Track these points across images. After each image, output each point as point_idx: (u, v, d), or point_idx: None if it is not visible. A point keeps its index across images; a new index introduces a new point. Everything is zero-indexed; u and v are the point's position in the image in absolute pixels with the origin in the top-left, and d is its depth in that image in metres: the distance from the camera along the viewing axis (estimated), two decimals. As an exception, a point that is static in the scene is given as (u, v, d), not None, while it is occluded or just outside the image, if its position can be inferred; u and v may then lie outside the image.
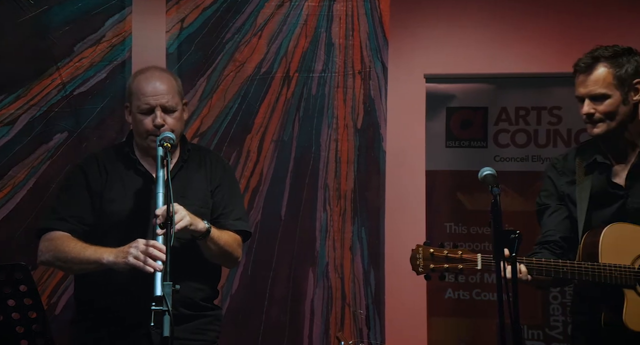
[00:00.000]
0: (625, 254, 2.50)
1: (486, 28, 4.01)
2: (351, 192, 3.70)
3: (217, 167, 2.73)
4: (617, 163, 2.62)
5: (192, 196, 2.64)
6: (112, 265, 2.49)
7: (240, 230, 2.69)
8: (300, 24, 3.70)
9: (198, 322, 2.66)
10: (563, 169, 2.67)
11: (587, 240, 2.55)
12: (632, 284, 2.48)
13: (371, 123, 3.70)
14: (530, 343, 3.60)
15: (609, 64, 2.55)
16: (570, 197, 2.63)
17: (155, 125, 2.59)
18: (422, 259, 2.47)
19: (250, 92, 3.71)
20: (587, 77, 2.55)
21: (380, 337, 3.62)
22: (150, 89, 2.61)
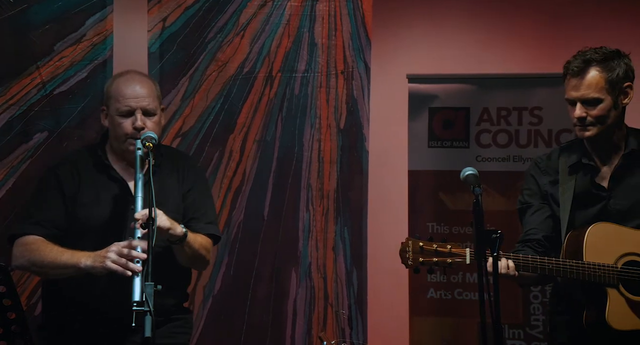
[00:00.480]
0: (608, 254, 2.51)
1: (468, 29, 4.02)
2: (334, 192, 3.69)
3: (189, 170, 2.71)
4: (602, 165, 2.63)
5: (165, 201, 2.60)
6: (90, 269, 2.46)
7: (211, 234, 2.67)
8: (282, 23, 3.69)
9: (168, 326, 2.63)
10: (546, 168, 2.68)
11: (571, 239, 2.56)
12: (615, 283, 2.49)
13: (354, 123, 3.70)
14: (511, 342, 3.61)
15: (601, 67, 2.55)
16: (553, 196, 2.63)
17: (135, 128, 2.56)
18: (412, 252, 2.46)
19: (233, 92, 3.69)
20: (580, 81, 2.54)
21: (362, 337, 3.61)
22: (131, 92, 2.58)
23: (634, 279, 2.51)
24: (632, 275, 2.51)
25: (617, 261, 2.52)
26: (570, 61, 2.59)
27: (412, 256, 2.46)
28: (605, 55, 2.57)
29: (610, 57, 2.57)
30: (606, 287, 2.48)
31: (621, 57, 2.59)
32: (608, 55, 2.58)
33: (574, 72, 2.55)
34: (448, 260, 2.46)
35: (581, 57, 2.57)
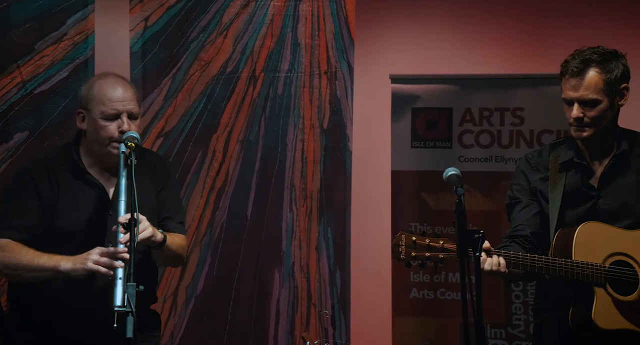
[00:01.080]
0: (596, 253, 2.51)
1: (451, 30, 4.02)
2: (317, 192, 3.68)
3: (161, 169, 2.68)
4: (592, 164, 2.62)
5: (142, 204, 2.53)
6: (70, 272, 2.42)
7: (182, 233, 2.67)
8: (266, 23, 3.66)
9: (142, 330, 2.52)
10: (537, 165, 2.66)
11: (560, 237, 2.55)
12: (602, 283, 2.48)
13: (337, 123, 3.68)
14: (493, 342, 3.62)
15: (600, 69, 2.52)
16: (542, 193, 2.62)
17: (122, 132, 2.51)
18: (404, 246, 2.44)
19: (216, 92, 3.66)
20: (579, 82, 2.52)
21: (345, 336, 3.60)
22: (117, 95, 2.54)
23: (621, 278, 2.51)
24: (619, 275, 2.51)
25: (605, 260, 2.52)
26: (569, 60, 2.56)
27: (405, 250, 2.44)
28: (604, 55, 2.55)
29: (609, 57, 2.56)
30: (593, 286, 2.48)
31: (619, 58, 2.58)
32: (607, 55, 2.56)
33: (573, 72, 2.52)
34: (440, 255, 2.44)
35: (580, 57, 2.55)
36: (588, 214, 2.57)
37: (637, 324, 2.50)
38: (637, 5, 3.91)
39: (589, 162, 2.63)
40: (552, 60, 3.95)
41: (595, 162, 2.63)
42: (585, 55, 2.55)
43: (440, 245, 2.46)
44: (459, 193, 2.30)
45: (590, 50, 2.58)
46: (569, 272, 2.47)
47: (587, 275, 2.47)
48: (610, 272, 2.51)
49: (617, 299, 2.49)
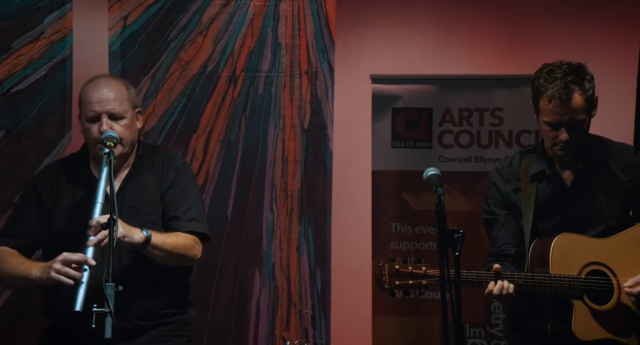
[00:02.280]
0: (572, 264, 2.51)
1: (431, 30, 4.02)
2: (298, 192, 3.65)
3: (169, 168, 2.66)
4: (563, 173, 2.63)
5: (142, 205, 2.58)
6: (39, 280, 2.42)
7: (193, 231, 2.62)
8: (246, 23, 3.63)
9: (158, 330, 2.59)
10: (508, 176, 2.67)
11: (535, 250, 2.55)
12: (580, 294, 2.49)
13: (318, 123, 3.66)
14: (472, 341, 3.62)
15: (580, 89, 2.53)
16: (517, 206, 2.63)
17: (101, 132, 2.52)
18: (388, 276, 2.47)
19: (196, 92, 3.62)
20: (565, 106, 2.51)
21: (325, 336, 3.59)
22: (97, 96, 2.55)
23: (596, 288, 2.51)
24: (595, 285, 2.51)
25: (581, 271, 2.52)
26: (549, 85, 2.52)
27: (389, 280, 2.47)
28: (579, 74, 2.55)
29: (583, 75, 2.56)
30: (572, 299, 2.48)
31: (587, 72, 2.58)
32: (580, 73, 2.55)
33: (560, 98, 2.50)
34: (423, 282, 2.47)
35: (560, 81, 2.52)
36: (561, 224, 2.58)
37: (614, 332, 2.51)
38: (612, 6, 3.93)
39: (560, 172, 2.63)
40: (531, 61, 3.95)
41: (566, 171, 2.64)
42: (566, 79, 2.53)
43: (423, 271, 2.48)
44: (439, 193, 2.31)
45: (562, 70, 2.55)
46: (548, 287, 2.47)
47: (564, 288, 2.48)
48: (587, 282, 2.51)
49: (594, 309, 2.50)
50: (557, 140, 2.56)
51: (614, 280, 2.54)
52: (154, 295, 2.58)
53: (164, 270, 2.58)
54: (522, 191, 2.62)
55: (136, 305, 2.52)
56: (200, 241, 2.66)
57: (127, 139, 2.59)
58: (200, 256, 2.67)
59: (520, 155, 2.70)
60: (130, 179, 2.63)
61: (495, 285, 2.47)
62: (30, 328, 3.16)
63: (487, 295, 2.49)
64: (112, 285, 2.22)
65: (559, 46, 3.92)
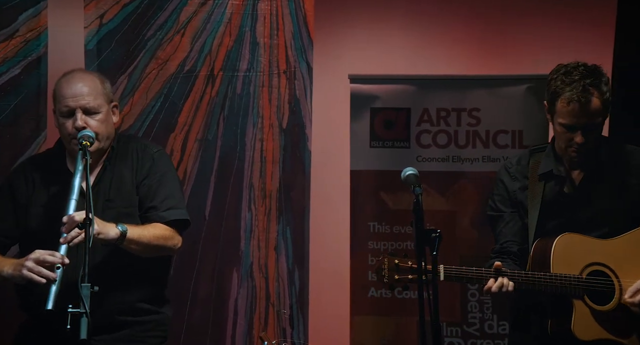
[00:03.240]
0: (574, 264, 2.52)
1: (409, 31, 4.02)
2: (276, 191, 3.63)
3: (144, 158, 2.62)
4: (571, 173, 2.62)
5: (117, 197, 2.55)
6: (11, 277, 2.39)
7: (173, 220, 2.59)
8: (224, 22, 3.60)
9: (135, 329, 2.57)
10: (516, 174, 2.66)
11: (537, 249, 2.55)
12: (580, 294, 2.49)
13: (296, 123, 3.64)
14: (449, 340, 3.62)
15: (598, 92, 2.52)
16: (523, 204, 2.63)
17: (76, 128, 2.49)
18: (387, 270, 2.47)
19: (174, 91, 3.58)
20: (584, 108, 2.49)
21: (303, 336, 3.57)
22: (71, 91, 2.52)
23: (597, 289, 2.52)
24: (596, 285, 2.52)
25: (582, 271, 2.53)
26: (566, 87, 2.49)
27: (388, 274, 2.47)
28: (597, 77, 2.53)
29: (600, 77, 2.54)
30: (572, 298, 2.49)
31: (604, 74, 2.57)
32: (597, 75, 2.54)
33: (581, 102, 2.48)
34: (423, 276, 2.43)
35: (579, 83, 2.49)
36: (566, 224, 2.57)
37: (614, 333, 2.51)
38: (592, 9, 3.96)
39: (568, 172, 2.62)
40: (507, 61, 4.02)
41: (574, 171, 2.63)
42: (584, 81, 2.50)
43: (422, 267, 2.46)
44: (417, 192, 2.31)
45: (580, 72, 2.52)
46: (548, 286, 2.48)
47: (565, 287, 2.48)
48: (588, 283, 2.51)
49: (594, 310, 2.51)
50: (572, 142, 2.54)
51: (615, 281, 2.54)
52: (131, 289, 2.56)
53: (141, 264, 2.56)
54: (529, 189, 2.61)
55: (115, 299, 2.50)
56: (179, 231, 2.63)
57: (103, 134, 2.56)
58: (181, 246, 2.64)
59: (530, 154, 2.69)
60: (104, 172, 2.59)
61: (494, 282, 2.45)
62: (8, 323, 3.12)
63: (485, 292, 2.48)
64: (88, 285, 2.19)
65: (535, 47, 3.95)
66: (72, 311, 2.18)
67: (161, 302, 2.68)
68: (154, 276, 2.66)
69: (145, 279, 2.61)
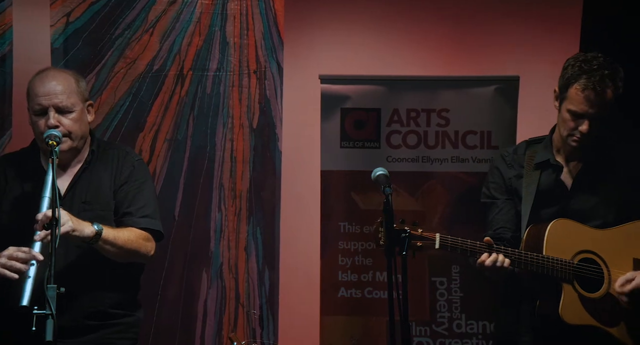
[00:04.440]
0: (566, 250, 2.53)
1: (380, 31, 4.02)
2: (246, 192, 3.61)
3: (124, 164, 2.60)
4: (568, 165, 2.64)
5: (94, 200, 2.52)
6: None
7: (146, 228, 2.57)
8: (193, 21, 3.57)
9: (104, 332, 2.53)
10: (512, 162, 2.67)
11: (531, 233, 2.56)
12: (570, 279, 2.51)
13: (267, 123, 3.62)
14: (418, 339, 3.63)
15: (613, 85, 2.51)
16: (517, 191, 2.64)
17: (48, 126, 2.46)
18: (384, 233, 2.41)
19: (143, 90, 3.55)
20: (597, 98, 2.48)
21: (273, 336, 3.56)
22: (43, 90, 2.49)
23: (587, 276, 2.53)
24: (586, 272, 2.53)
25: (574, 257, 2.54)
26: (583, 74, 2.48)
27: (385, 236, 2.41)
28: (615, 72, 2.52)
29: (617, 70, 2.54)
30: (562, 282, 2.50)
31: (620, 70, 2.56)
32: (615, 69, 2.53)
33: (595, 89, 2.47)
34: (418, 243, 2.44)
35: (598, 72, 2.48)
36: (559, 214, 2.59)
37: (600, 320, 2.53)
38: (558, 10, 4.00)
39: (565, 163, 2.64)
40: (476, 62, 4.04)
41: (572, 163, 2.64)
42: (603, 72, 2.49)
43: (419, 233, 2.45)
44: (387, 193, 2.31)
45: (599, 62, 2.51)
46: (539, 267, 2.48)
47: (556, 270, 2.49)
48: (578, 269, 2.53)
49: (583, 296, 2.52)
50: (575, 131, 2.53)
51: (605, 270, 2.55)
52: (103, 293, 2.53)
53: (113, 268, 2.53)
54: (525, 178, 2.62)
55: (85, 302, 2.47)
56: (154, 238, 2.61)
57: (77, 133, 2.54)
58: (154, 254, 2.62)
59: (526, 145, 2.69)
60: (82, 174, 2.57)
61: (488, 256, 2.45)
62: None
63: (479, 265, 2.46)
64: (54, 287, 2.16)
65: (504, 48, 3.98)
66: (37, 313, 2.15)
67: (133, 307, 2.65)
68: (127, 283, 2.62)
69: (117, 284, 2.58)
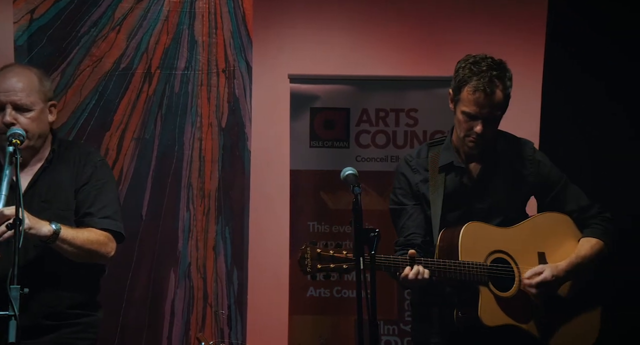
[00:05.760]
0: (479, 252, 2.55)
1: (349, 31, 4.02)
2: (215, 191, 3.58)
3: (86, 164, 2.55)
4: (469, 166, 2.67)
5: (54, 199, 2.47)
6: None
7: (107, 229, 2.52)
8: (161, 19, 3.52)
9: (63, 332, 2.48)
10: (417, 167, 2.68)
11: (444, 238, 2.57)
12: (485, 281, 2.53)
13: (236, 122, 3.59)
14: (386, 338, 3.63)
15: (502, 85, 2.57)
16: (425, 196, 2.65)
17: (4, 123, 2.41)
18: (310, 259, 2.44)
19: (109, 88, 3.49)
20: (488, 99, 2.54)
21: (241, 336, 3.53)
22: (3, 86, 2.44)
23: (500, 275, 2.56)
24: (499, 272, 2.56)
25: (487, 259, 2.57)
26: (473, 76, 2.54)
27: (311, 263, 2.44)
28: (502, 71, 2.58)
29: (505, 71, 2.59)
30: (478, 285, 2.52)
31: (509, 70, 2.61)
32: (502, 69, 2.59)
33: (485, 91, 2.53)
34: (344, 265, 2.45)
35: (486, 74, 2.54)
36: (465, 215, 2.62)
37: (515, 318, 2.56)
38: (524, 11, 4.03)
39: (467, 164, 2.67)
40: (444, 63, 4.02)
41: (472, 163, 2.68)
42: (491, 73, 2.55)
43: (344, 255, 2.46)
44: (356, 192, 2.30)
45: (487, 63, 2.57)
46: (457, 273, 2.50)
47: (472, 274, 2.51)
48: (491, 269, 2.55)
49: (498, 296, 2.55)
50: (470, 131, 2.57)
51: (515, 268, 2.59)
52: (61, 294, 2.48)
53: (73, 268, 2.48)
54: (430, 182, 2.64)
55: (43, 302, 2.42)
56: (114, 239, 2.57)
57: (34, 132, 2.48)
58: (114, 255, 2.58)
59: (428, 147, 2.72)
60: (42, 173, 2.52)
61: (411, 270, 2.47)
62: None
63: (402, 279, 2.48)
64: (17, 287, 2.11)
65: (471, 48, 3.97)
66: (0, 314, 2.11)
67: (92, 307, 2.61)
68: (85, 284, 2.58)
69: (76, 284, 2.53)
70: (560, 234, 2.66)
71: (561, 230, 2.66)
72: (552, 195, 2.69)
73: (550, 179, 2.69)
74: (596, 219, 2.69)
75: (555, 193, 2.69)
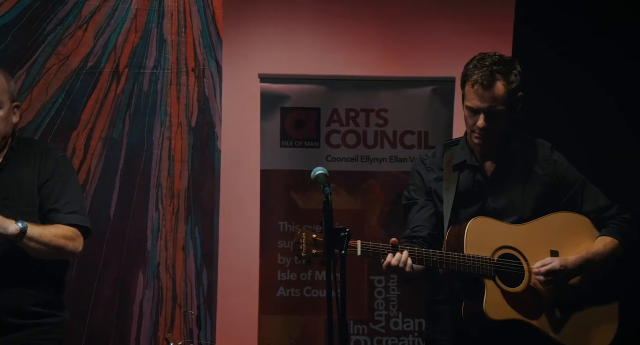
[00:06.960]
0: (486, 246, 2.54)
1: (319, 31, 4.01)
2: (185, 191, 3.54)
3: (47, 160, 2.51)
4: (484, 164, 2.67)
5: (16, 196, 2.43)
6: None
7: (74, 224, 2.48)
8: (129, 18, 3.46)
9: (28, 332, 2.44)
10: (431, 165, 2.69)
11: (452, 233, 2.57)
12: (492, 275, 2.52)
13: (205, 121, 3.55)
14: (356, 337, 3.62)
15: (504, 80, 2.56)
16: (437, 193, 2.65)
17: None
18: (305, 244, 2.38)
19: (76, 87, 3.42)
20: (487, 92, 2.54)
21: (210, 337, 3.49)
22: None
23: (508, 271, 2.55)
24: (507, 268, 2.55)
25: (494, 254, 2.56)
26: (474, 70, 2.56)
27: (306, 248, 2.38)
28: (507, 67, 2.58)
29: (510, 68, 2.59)
30: (484, 279, 2.51)
31: (517, 67, 2.61)
32: (510, 67, 2.59)
33: (483, 84, 2.53)
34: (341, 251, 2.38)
35: (487, 69, 2.55)
36: (478, 213, 2.62)
37: (523, 314, 2.55)
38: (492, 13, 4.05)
39: (481, 162, 2.67)
40: (414, 63, 4.07)
41: (487, 162, 2.68)
42: (492, 67, 2.56)
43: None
44: (326, 192, 2.28)
45: (492, 59, 2.58)
46: (461, 265, 2.49)
47: (477, 268, 2.50)
48: (499, 264, 2.54)
49: (505, 291, 2.54)
50: (474, 126, 2.58)
51: (524, 264, 2.58)
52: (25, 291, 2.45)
53: (38, 265, 2.44)
54: (444, 180, 2.64)
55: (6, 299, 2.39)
56: (82, 234, 2.53)
57: (0, 132, 2.45)
58: (82, 250, 2.54)
59: (444, 147, 2.73)
60: (2, 171, 2.48)
61: (393, 257, 2.45)
62: None
63: (385, 266, 2.46)
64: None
65: (440, 50, 4.01)
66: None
67: (57, 307, 2.58)
68: (50, 280, 2.54)
69: (40, 282, 2.49)
70: (577, 234, 2.64)
71: (578, 230, 2.65)
72: (569, 196, 2.67)
73: (567, 179, 2.67)
74: (614, 220, 2.67)
75: (572, 193, 2.68)
